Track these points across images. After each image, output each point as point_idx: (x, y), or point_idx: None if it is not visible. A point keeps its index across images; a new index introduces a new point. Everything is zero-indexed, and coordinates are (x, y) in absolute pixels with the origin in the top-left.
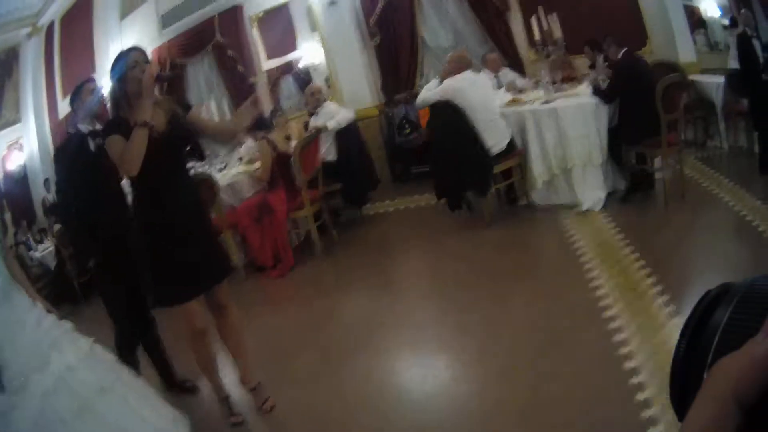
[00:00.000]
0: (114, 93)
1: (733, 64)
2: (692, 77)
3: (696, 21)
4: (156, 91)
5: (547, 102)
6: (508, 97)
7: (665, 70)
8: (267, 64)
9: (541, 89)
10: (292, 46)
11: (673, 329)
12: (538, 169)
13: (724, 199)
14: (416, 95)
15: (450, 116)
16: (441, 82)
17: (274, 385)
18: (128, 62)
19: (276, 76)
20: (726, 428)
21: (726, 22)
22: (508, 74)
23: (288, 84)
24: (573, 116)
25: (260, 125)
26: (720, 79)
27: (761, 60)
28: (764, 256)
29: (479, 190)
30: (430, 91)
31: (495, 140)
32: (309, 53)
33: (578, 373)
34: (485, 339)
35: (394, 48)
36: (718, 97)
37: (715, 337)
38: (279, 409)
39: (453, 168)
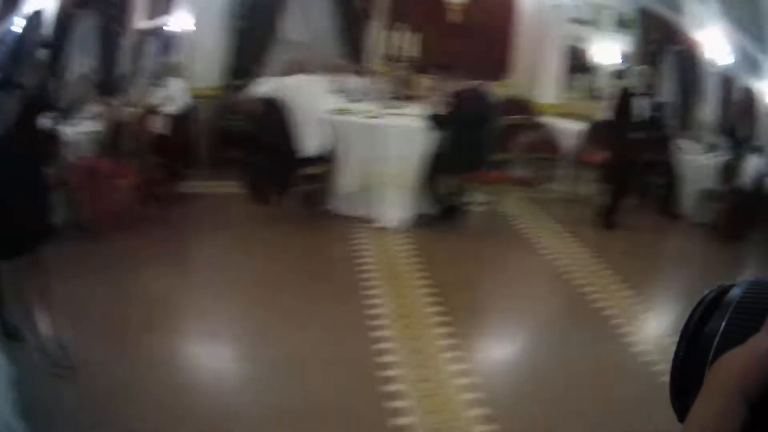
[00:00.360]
0: (10, 51)
1: (607, 114)
2: (547, 119)
3: (580, 65)
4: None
5: (375, 117)
6: (340, 104)
7: (515, 108)
8: (139, 25)
9: (376, 102)
10: (166, 12)
11: (445, 362)
12: (346, 179)
13: (540, 243)
14: (254, 84)
15: (275, 112)
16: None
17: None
18: (26, 25)
19: (142, 39)
20: (733, 423)
21: (614, 69)
22: (350, 82)
23: (151, 48)
24: (397, 135)
25: (111, 89)
26: (580, 126)
27: (641, 118)
28: (565, 305)
29: (280, 186)
30: (264, 86)
31: (311, 143)
32: (178, 22)
33: (336, 387)
34: (255, 338)
35: (253, 35)
36: (570, 143)
37: (716, 337)
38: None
39: (268, 161)
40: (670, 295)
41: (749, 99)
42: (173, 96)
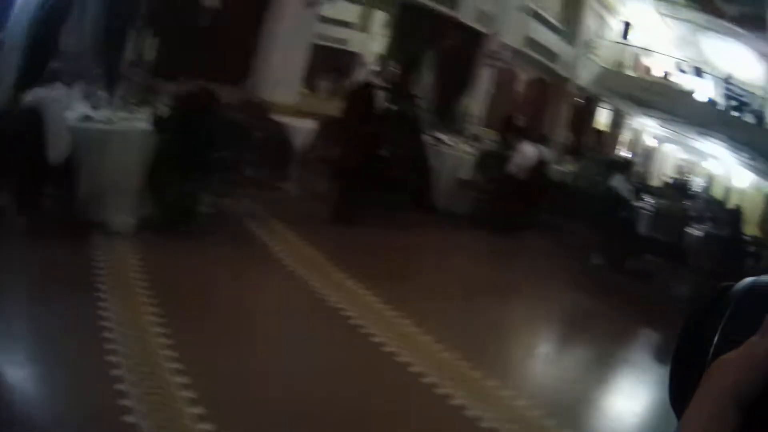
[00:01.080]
0: None
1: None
2: (283, 119)
3: (332, 65)
4: None
5: (110, 122)
6: (85, 111)
7: (250, 110)
8: None
9: (115, 108)
10: None
11: (163, 360)
12: (84, 185)
13: (272, 244)
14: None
15: (31, 122)
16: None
17: None
18: None
19: None
20: (724, 428)
21: (367, 68)
22: (97, 89)
23: None
24: (119, 139)
25: None
26: (313, 125)
27: (380, 113)
28: (297, 305)
29: (33, 195)
30: (27, 95)
31: (59, 151)
32: None
33: (68, 375)
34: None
35: (42, 44)
36: (305, 142)
37: (714, 339)
38: None
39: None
40: (404, 288)
41: (541, 91)
42: None
